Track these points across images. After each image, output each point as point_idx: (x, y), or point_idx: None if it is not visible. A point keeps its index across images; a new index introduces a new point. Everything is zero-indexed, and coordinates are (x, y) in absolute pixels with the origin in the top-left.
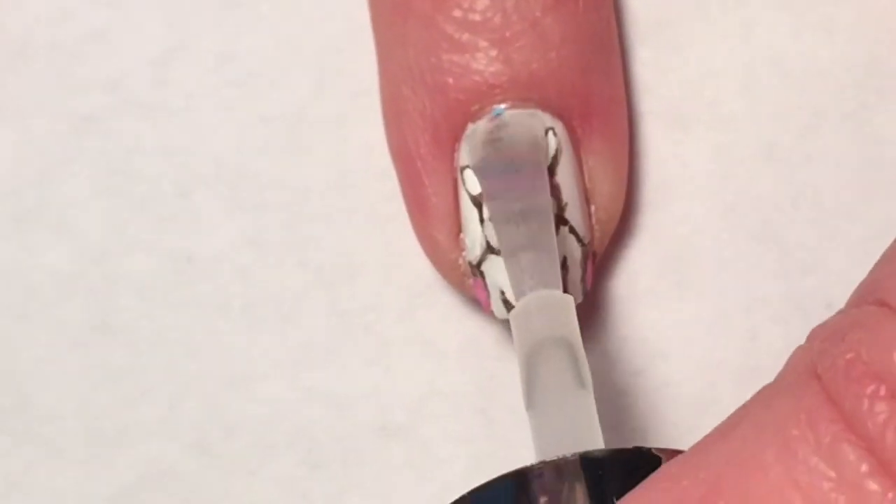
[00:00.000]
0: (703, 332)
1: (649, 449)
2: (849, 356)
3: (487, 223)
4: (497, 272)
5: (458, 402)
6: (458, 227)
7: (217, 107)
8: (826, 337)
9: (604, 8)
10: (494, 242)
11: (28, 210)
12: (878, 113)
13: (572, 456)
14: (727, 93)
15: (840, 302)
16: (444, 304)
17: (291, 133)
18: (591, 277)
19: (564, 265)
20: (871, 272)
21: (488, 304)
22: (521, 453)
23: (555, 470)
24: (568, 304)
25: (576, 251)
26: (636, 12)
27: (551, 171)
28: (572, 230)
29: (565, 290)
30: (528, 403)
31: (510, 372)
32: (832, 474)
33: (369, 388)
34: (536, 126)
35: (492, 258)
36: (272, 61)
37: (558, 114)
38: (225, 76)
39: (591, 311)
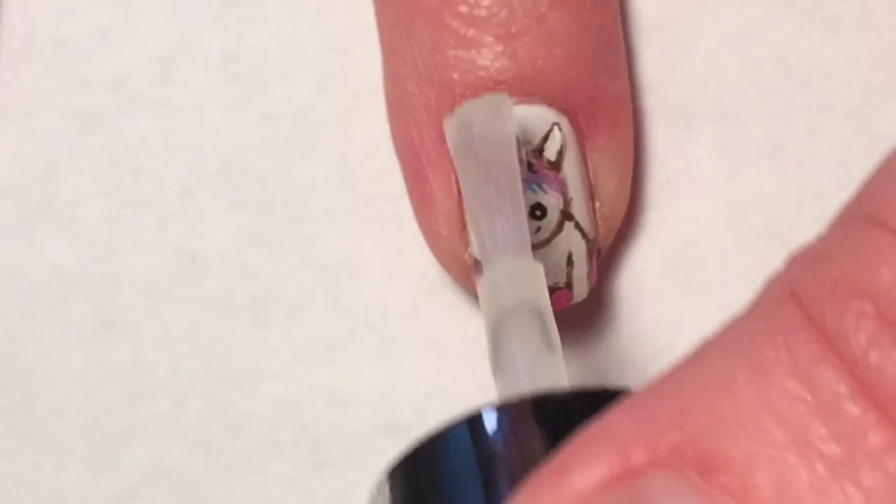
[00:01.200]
0: (709, 330)
1: (616, 389)
2: (833, 273)
3: None
4: None
5: (463, 400)
6: (462, 223)
7: (221, 105)
8: (806, 259)
9: (611, 5)
10: None
11: (32, 208)
12: (882, 111)
13: (530, 395)
14: (732, 91)
15: None
16: (449, 303)
17: (295, 131)
18: (595, 273)
19: (570, 261)
20: (856, 194)
21: None
22: None
23: (514, 408)
24: (537, 272)
25: (581, 247)
26: (641, 10)
27: (557, 165)
28: (577, 226)
29: (569, 286)
30: (495, 367)
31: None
32: (808, 397)
33: (374, 387)
34: (545, 123)
35: None
36: (276, 60)
37: (564, 109)
38: (229, 75)
39: (597, 309)
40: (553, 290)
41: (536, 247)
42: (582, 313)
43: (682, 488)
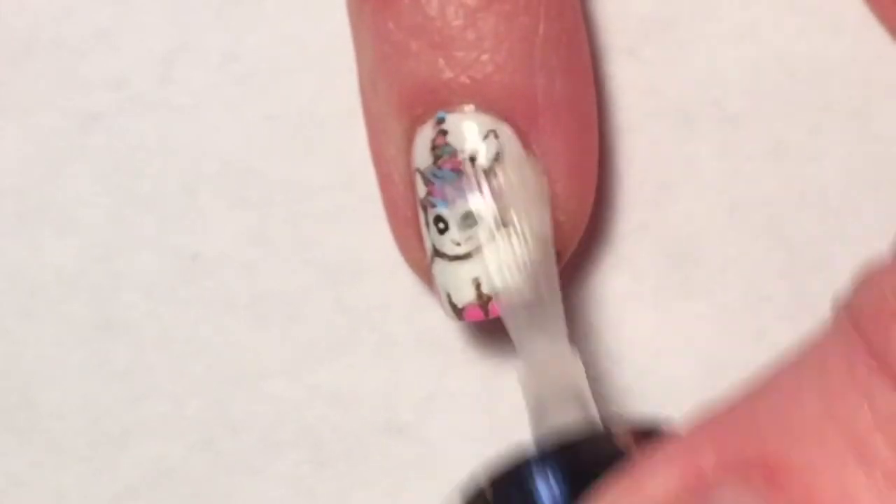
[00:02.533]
0: (710, 330)
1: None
2: (883, 291)
3: (432, 227)
4: (442, 275)
5: (464, 400)
6: (416, 227)
7: (222, 105)
8: (864, 278)
9: (556, 6)
10: (438, 246)
11: (33, 208)
12: (884, 111)
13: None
14: (733, 91)
15: None
16: None
17: (297, 131)
18: (549, 278)
19: (506, 268)
20: None
21: (441, 305)
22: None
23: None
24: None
25: (520, 254)
26: (641, 10)
27: (492, 173)
28: (516, 233)
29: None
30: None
31: (514, 369)
32: (867, 409)
33: (375, 387)
34: (481, 131)
35: (437, 261)
36: (277, 60)
37: (503, 115)
38: (230, 75)
39: (597, 309)
40: (489, 298)
41: (470, 255)
42: (582, 313)
43: (748, 495)
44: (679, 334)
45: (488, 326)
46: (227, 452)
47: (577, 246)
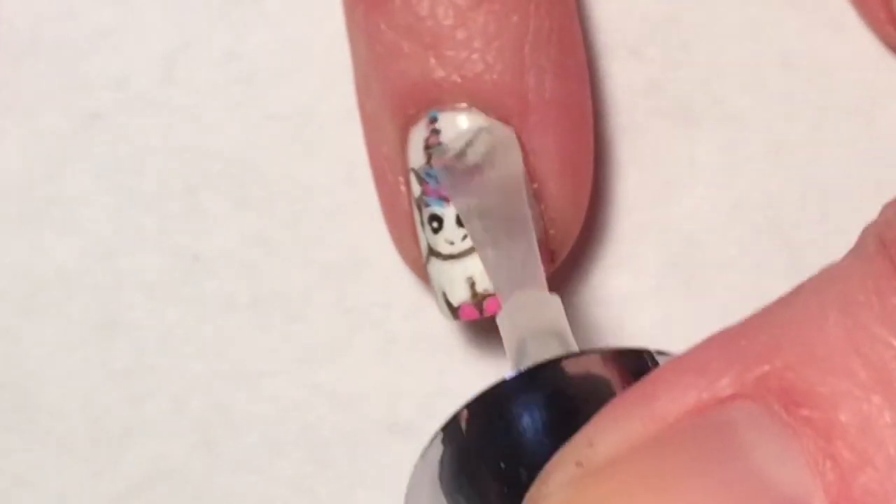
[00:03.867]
0: (711, 330)
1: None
2: None
3: (426, 226)
4: (438, 274)
5: (466, 399)
6: (412, 226)
7: (224, 105)
8: (888, 206)
9: (548, 5)
10: (433, 245)
11: (35, 207)
12: (886, 110)
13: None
14: (735, 90)
15: None
16: None
17: (298, 130)
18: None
19: None
20: None
21: (437, 305)
22: None
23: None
24: (555, 302)
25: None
26: (644, 10)
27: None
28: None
29: None
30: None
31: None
32: (894, 342)
33: (377, 386)
34: (469, 129)
35: (433, 260)
36: (279, 59)
37: (496, 114)
38: (232, 74)
39: (598, 309)
40: (484, 296)
41: (465, 253)
42: (582, 312)
43: (765, 419)
44: (680, 334)
45: (488, 325)
46: (228, 452)
47: (575, 245)
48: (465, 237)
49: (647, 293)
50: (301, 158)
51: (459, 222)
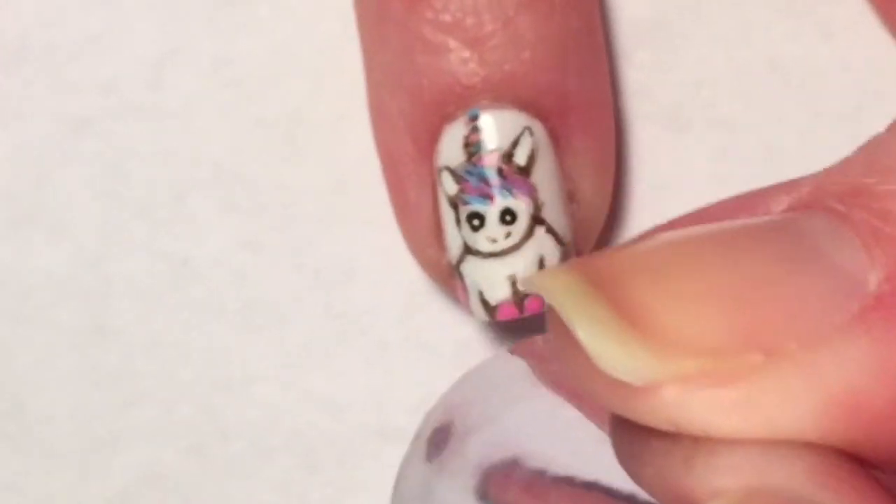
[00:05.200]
0: None
1: None
2: None
3: (464, 224)
4: (475, 272)
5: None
6: (438, 230)
7: (213, 110)
8: None
9: (584, 6)
10: (471, 243)
11: (24, 213)
12: (876, 115)
13: None
14: (725, 95)
15: None
16: (442, 307)
17: (288, 136)
18: None
19: (542, 265)
20: None
21: (468, 305)
22: None
23: None
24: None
25: (554, 251)
26: (633, 14)
27: (528, 170)
28: (550, 230)
29: None
30: None
31: None
32: None
33: (367, 392)
34: (516, 128)
35: (469, 259)
36: (268, 64)
37: (535, 113)
38: (221, 79)
39: None
40: (525, 295)
41: (507, 251)
42: None
43: (838, 228)
44: None
45: (480, 330)
46: (217, 458)
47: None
48: (508, 235)
49: None
50: (290, 164)
51: (503, 220)
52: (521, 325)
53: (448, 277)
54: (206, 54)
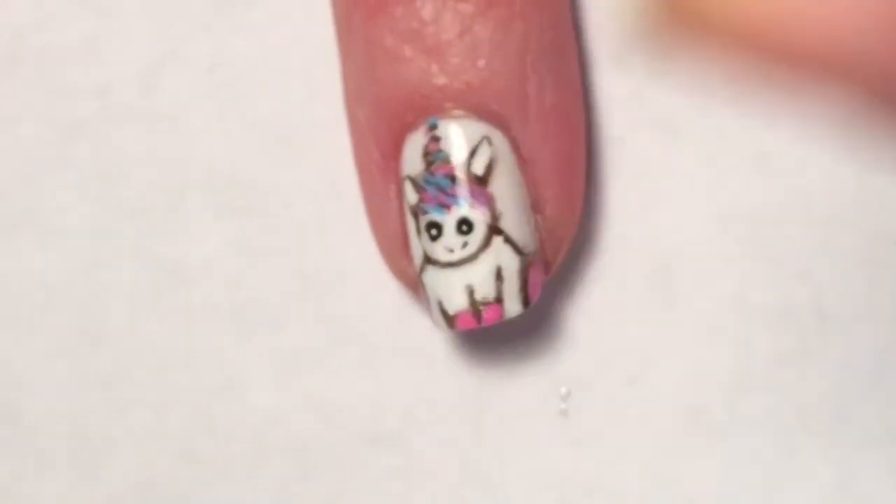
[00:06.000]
0: (694, 341)
1: None
2: None
3: (423, 233)
4: (434, 282)
5: (448, 409)
6: (403, 239)
7: (207, 114)
8: None
9: (549, 11)
10: (430, 252)
11: (16, 217)
12: (868, 120)
13: None
14: (717, 101)
15: (832, 310)
16: None
17: (282, 140)
18: (536, 287)
19: (499, 275)
20: None
21: (430, 314)
22: (511, 461)
23: None
24: None
25: (511, 262)
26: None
27: (485, 180)
28: (508, 240)
29: (500, 301)
30: None
31: (500, 379)
32: None
33: (359, 396)
34: (474, 137)
35: (429, 268)
36: (262, 68)
37: (496, 122)
38: (215, 83)
39: (582, 320)
40: (483, 304)
41: (464, 261)
42: (566, 324)
43: None
44: (664, 344)
45: (471, 335)
46: (210, 462)
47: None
48: (465, 245)
49: (631, 304)
50: (284, 168)
51: (460, 230)
52: (485, 334)
53: (414, 285)
54: (199, 58)
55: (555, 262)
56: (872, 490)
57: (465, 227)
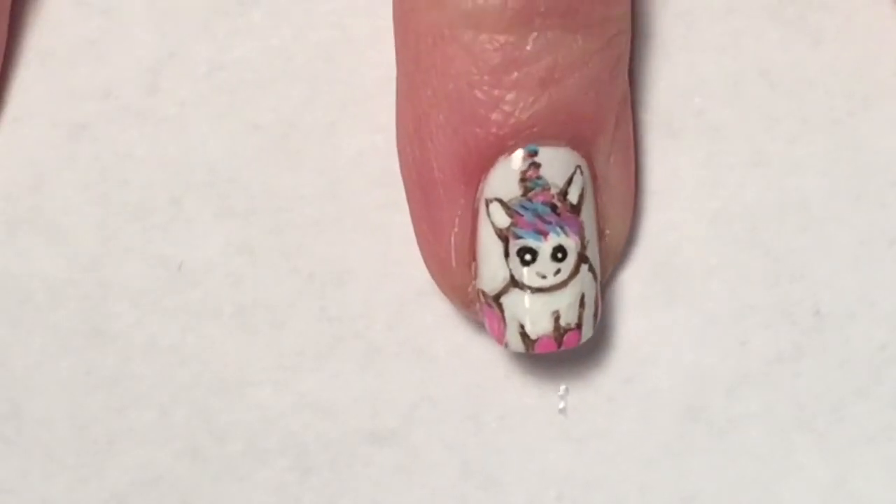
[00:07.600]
0: (692, 339)
1: None
2: None
3: (513, 257)
4: (518, 305)
5: (448, 408)
6: (470, 255)
7: (208, 115)
8: None
9: (620, 47)
10: (518, 276)
11: (21, 217)
12: (864, 121)
13: None
14: (715, 101)
15: (828, 308)
16: (434, 312)
17: (283, 141)
18: (601, 309)
19: (582, 302)
20: None
21: (501, 335)
22: (511, 459)
23: None
24: None
25: (592, 288)
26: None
27: (578, 208)
28: (591, 268)
29: (579, 327)
30: None
31: (499, 378)
32: None
33: (360, 395)
34: (570, 166)
35: (514, 291)
36: (264, 69)
37: (585, 152)
38: (216, 84)
39: None
40: (565, 330)
41: (555, 288)
42: None
43: None
44: (663, 343)
45: (470, 336)
46: (213, 460)
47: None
48: (557, 272)
49: (630, 302)
50: (285, 169)
51: (555, 257)
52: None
53: (471, 303)
54: (201, 60)
55: (605, 277)
56: (868, 487)
57: (560, 255)
